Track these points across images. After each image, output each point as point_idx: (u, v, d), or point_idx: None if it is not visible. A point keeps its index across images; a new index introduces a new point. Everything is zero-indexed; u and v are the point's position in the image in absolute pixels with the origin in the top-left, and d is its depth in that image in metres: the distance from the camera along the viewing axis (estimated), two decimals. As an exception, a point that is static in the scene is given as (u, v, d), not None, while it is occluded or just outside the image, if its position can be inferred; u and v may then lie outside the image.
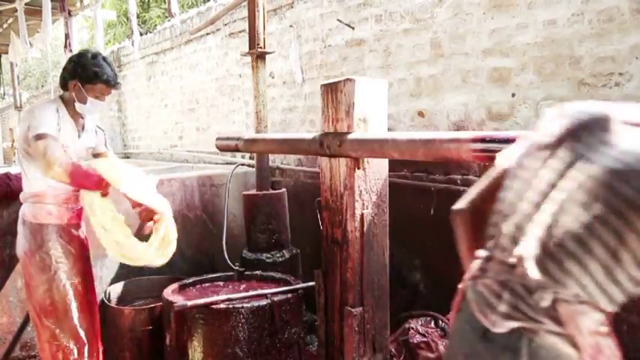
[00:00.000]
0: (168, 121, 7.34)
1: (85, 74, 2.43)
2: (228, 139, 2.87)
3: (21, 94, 16.81)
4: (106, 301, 3.42)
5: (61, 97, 2.53)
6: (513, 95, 2.98)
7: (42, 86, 17.05)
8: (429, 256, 3.42)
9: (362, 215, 2.09)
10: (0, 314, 3.27)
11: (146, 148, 8.10)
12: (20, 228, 2.52)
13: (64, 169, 2.26)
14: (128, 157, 8.56)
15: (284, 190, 4.07)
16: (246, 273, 3.39)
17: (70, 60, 2.48)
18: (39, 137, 2.29)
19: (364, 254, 2.09)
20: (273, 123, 4.96)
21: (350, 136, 2.03)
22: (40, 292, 2.47)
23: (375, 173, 2.13)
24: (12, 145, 10.90)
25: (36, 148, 2.28)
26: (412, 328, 2.68)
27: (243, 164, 4.95)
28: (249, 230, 3.96)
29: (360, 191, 2.10)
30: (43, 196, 2.48)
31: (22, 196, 2.54)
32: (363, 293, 2.10)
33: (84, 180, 2.34)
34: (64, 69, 2.49)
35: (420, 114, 3.55)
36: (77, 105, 2.49)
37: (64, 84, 2.49)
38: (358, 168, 2.08)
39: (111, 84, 2.49)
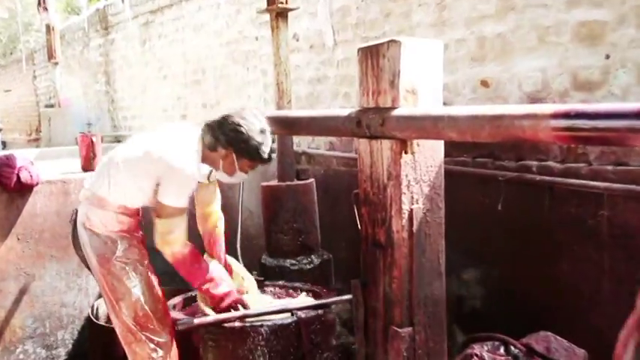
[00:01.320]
0: (167, 96, 7.43)
1: (247, 149, 2.65)
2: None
3: (-16, 63, 17.22)
4: (93, 318, 3.52)
5: (197, 150, 2.71)
6: (608, 57, 2.91)
7: (10, 53, 17.40)
8: (495, 264, 3.40)
9: (411, 211, 2.08)
10: None
11: (141, 130, 8.23)
12: (84, 234, 2.71)
13: (174, 257, 2.68)
14: (119, 142, 8.72)
15: (312, 180, 4.10)
16: (266, 283, 3.43)
17: (233, 124, 2.63)
18: (173, 211, 2.62)
19: (414, 260, 2.08)
20: (298, 97, 4.98)
21: (395, 113, 2.02)
22: (132, 302, 2.70)
23: (428, 159, 2.12)
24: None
25: (164, 215, 2.62)
26: (476, 355, 2.67)
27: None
28: (269, 230, 4.00)
29: (409, 181, 2.09)
30: (122, 210, 2.72)
31: (87, 195, 2.74)
32: (412, 309, 2.09)
33: (186, 274, 2.75)
34: (221, 128, 2.66)
35: (484, 83, 3.51)
36: (219, 173, 2.77)
37: (213, 144, 2.68)
38: (406, 152, 2.07)
39: (267, 162, 2.76)
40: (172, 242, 2.65)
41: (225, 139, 2.65)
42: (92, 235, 2.70)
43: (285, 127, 2.73)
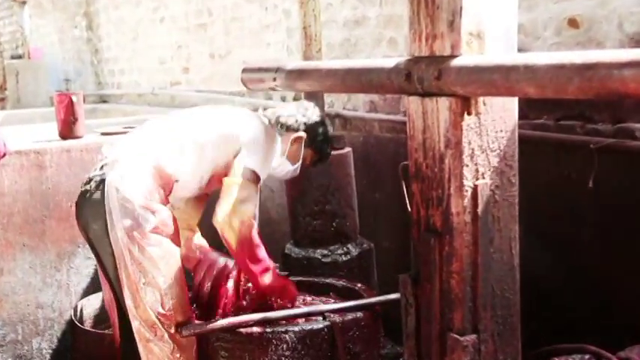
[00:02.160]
0: (165, 44, 7.48)
1: (321, 140, 3.28)
2: (260, 70, 2.89)
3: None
4: (77, 322, 3.60)
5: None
6: None
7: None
8: (583, 256, 3.38)
9: (475, 188, 2.08)
10: None
11: (132, 88, 8.32)
12: (115, 200, 2.83)
13: (241, 234, 2.90)
14: (105, 102, 8.82)
15: (349, 150, 4.10)
16: (292, 279, 3.47)
17: (310, 108, 3.29)
18: (254, 178, 2.95)
19: (479, 250, 2.08)
20: (331, 45, 4.97)
21: (455, 62, 2.00)
22: (162, 288, 2.83)
23: (497, 122, 2.11)
24: None
25: (243, 177, 2.92)
26: (559, 370, 2.68)
27: (283, 111, 5.01)
28: (294, 213, 4.03)
29: (472, 150, 2.07)
30: (170, 183, 2.96)
31: (121, 154, 2.94)
32: (477, 312, 2.10)
33: (250, 261, 2.97)
34: (299, 109, 3.28)
35: (572, 23, 3.46)
36: (281, 158, 3.20)
37: (285, 125, 3.22)
38: (469, 113, 2.05)
39: (325, 160, 3.44)
40: (244, 213, 2.88)
41: (302, 120, 3.20)
42: (125, 201, 2.81)
43: (315, 82, 2.73)
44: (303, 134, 3.20)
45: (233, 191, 2.89)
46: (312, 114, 3.27)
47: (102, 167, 2.93)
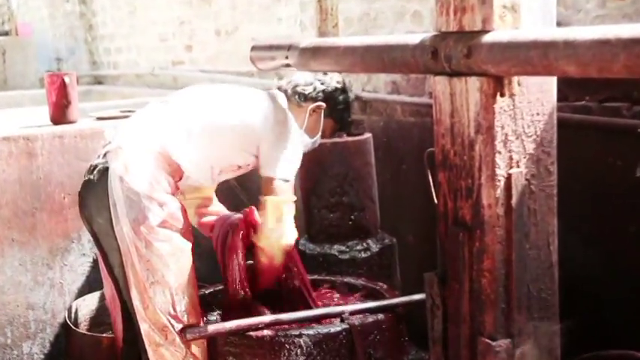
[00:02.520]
0: (167, 19, 7.49)
1: (342, 109, 3.34)
2: (271, 48, 2.89)
3: None
4: (71, 324, 3.63)
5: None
6: None
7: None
8: (630, 254, 3.37)
9: (508, 178, 2.07)
10: None
11: (130, 68, 8.34)
12: (119, 190, 2.85)
13: (283, 250, 3.05)
14: (101, 83, 8.85)
15: (368, 136, 4.10)
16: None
17: (336, 82, 3.33)
18: (286, 188, 3.00)
19: (513, 246, 2.08)
20: (349, 19, 4.96)
21: (487, 38, 1.99)
22: (172, 287, 2.85)
23: (533, 104, 2.10)
24: None
25: (273, 192, 2.97)
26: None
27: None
28: (308, 205, 4.04)
29: (506, 135, 2.07)
30: (179, 172, 3.00)
31: (133, 143, 2.94)
32: (511, 315, 2.10)
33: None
34: (321, 81, 3.29)
35: (617, -6, 3.44)
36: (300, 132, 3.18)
37: (303, 96, 3.24)
38: (502, 95, 2.05)
39: (347, 129, 3.59)
40: (287, 233, 3.01)
41: (321, 88, 3.23)
42: (130, 192, 2.83)
43: (331, 61, 2.72)
44: (322, 104, 3.23)
45: (280, 210, 2.96)
46: (331, 80, 3.30)
47: (105, 154, 2.94)
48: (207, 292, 3.39)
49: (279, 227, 2.95)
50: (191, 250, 2.93)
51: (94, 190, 2.92)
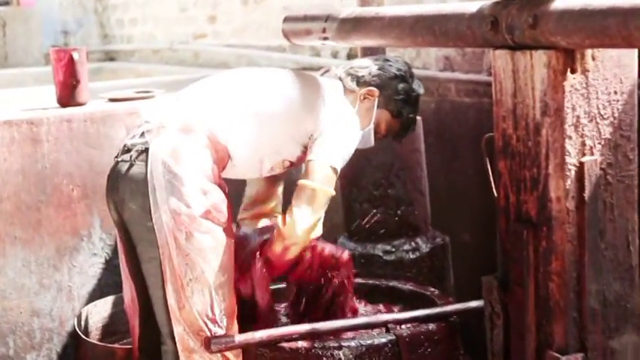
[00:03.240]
0: (186, -14, 7.51)
1: (401, 100, 3.26)
2: (306, 19, 2.90)
3: None
4: (80, 333, 3.66)
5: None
6: None
7: None
8: None
9: (580, 167, 2.07)
10: None
11: (146, 42, 8.37)
12: (160, 177, 2.89)
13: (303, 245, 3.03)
14: (113, 60, 8.90)
15: (418, 119, 4.09)
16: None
17: (396, 69, 3.27)
18: (332, 176, 3.02)
19: (586, 246, 2.07)
20: (395, -16, 4.94)
21: (556, 5, 1.99)
22: (212, 285, 2.89)
23: (610, 81, 2.09)
24: None
25: (320, 179, 2.97)
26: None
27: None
28: (349, 199, 4.04)
29: (577, 118, 2.07)
30: (226, 155, 3.06)
31: (185, 124, 3.00)
32: (584, 325, 2.09)
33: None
34: (379, 65, 3.27)
35: None
36: None
37: (356, 78, 3.24)
38: (573, 71, 2.05)
39: (403, 135, 3.44)
40: (316, 227, 3.02)
41: (376, 73, 3.21)
42: (173, 177, 2.86)
43: (375, 34, 2.73)
44: (374, 89, 3.21)
45: (319, 200, 2.96)
46: (391, 66, 3.26)
47: (143, 134, 2.97)
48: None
49: (310, 217, 2.93)
50: (233, 246, 2.96)
51: (129, 173, 2.94)
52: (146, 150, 2.91)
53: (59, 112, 4.17)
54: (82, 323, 3.78)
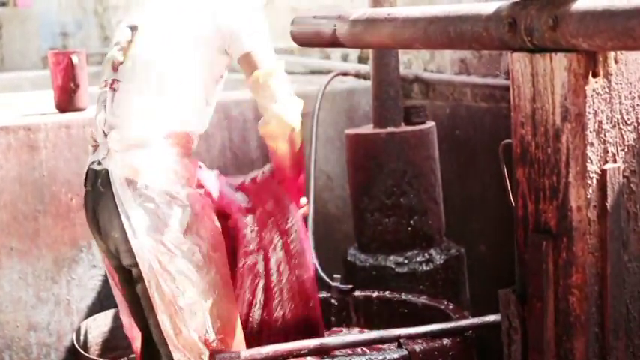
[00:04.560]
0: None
1: None
2: (315, 20, 2.90)
3: None
4: (79, 348, 3.66)
5: None
6: None
7: None
8: None
9: (602, 175, 2.06)
10: None
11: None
12: (129, 199, 2.85)
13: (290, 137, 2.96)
14: (113, 63, 8.90)
15: (432, 125, 4.09)
16: (357, 294, 3.48)
17: None
18: (271, 58, 3.00)
19: (608, 258, 2.06)
20: (408, -15, 4.95)
21: (578, 5, 1.98)
22: (201, 308, 2.86)
23: (634, 85, 2.08)
24: None
25: (260, 64, 2.95)
26: None
27: (346, 73, 5.00)
28: (360, 208, 4.03)
29: (599, 123, 2.06)
30: (190, 140, 2.99)
31: (122, 140, 2.90)
32: (606, 340, 2.08)
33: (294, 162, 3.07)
34: None
35: None
36: None
37: None
38: (595, 74, 2.04)
39: None
40: (286, 108, 2.91)
41: None
42: (145, 197, 2.82)
43: (387, 36, 2.72)
44: None
45: (274, 86, 2.92)
46: None
47: (100, 155, 2.94)
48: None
49: (275, 105, 2.89)
50: (225, 255, 2.93)
51: (101, 202, 2.91)
52: (105, 172, 2.87)
53: (58, 117, 4.17)
54: (81, 338, 3.77)
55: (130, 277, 2.97)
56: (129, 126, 2.89)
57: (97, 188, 2.91)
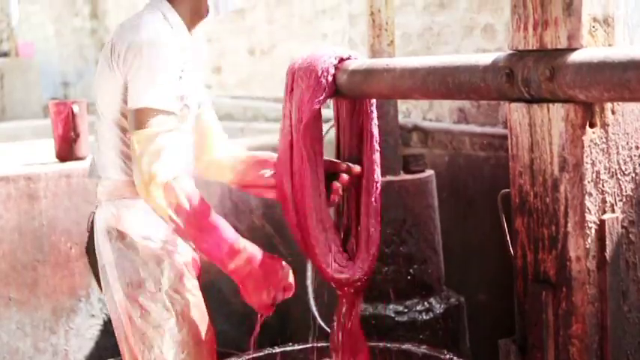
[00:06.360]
0: (190, 36, 7.57)
1: None
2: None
3: None
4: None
5: None
6: None
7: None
8: None
9: (601, 224, 2.06)
10: None
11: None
12: (107, 249, 2.81)
13: (176, 204, 2.59)
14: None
15: (431, 173, 4.09)
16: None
17: None
18: (155, 115, 2.61)
19: (608, 308, 2.06)
20: (407, 35, 4.98)
21: (574, 57, 1.99)
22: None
23: (631, 135, 2.08)
24: None
25: (141, 125, 2.61)
26: None
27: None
28: (359, 257, 4.03)
29: (597, 173, 2.06)
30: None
31: (105, 190, 2.84)
32: (607, 394, 2.07)
33: (197, 234, 2.67)
34: None
35: None
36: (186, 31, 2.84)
37: None
38: (592, 125, 2.04)
39: None
40: (164, 173, 2.58)
41: None
42: (123, 249, 2.78)
43: (385, 85, 2.73)
44: None
45: (136, 148, 2.61)
46: None
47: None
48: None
49: (151, 171, 2.58)
50: (204, 313, 2.86)
51: (91, 248, 2.89)
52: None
53: (58, 167, 4.19)
54: (80, 389, 3.77)
55: None
56: (106, 177, 2.84)
57: (91, 233, 2.89)
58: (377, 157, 2.89)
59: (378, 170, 2.88)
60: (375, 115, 2.92)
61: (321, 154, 2.75)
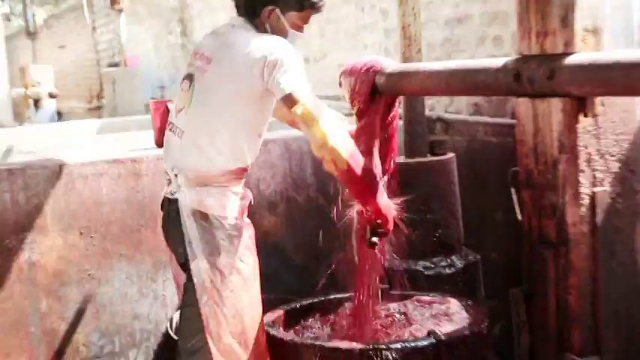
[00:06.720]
0: (259, 48, 7.58)
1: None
2: (358, 73, 2.91)
3: (34, 14, 18.01)
4: (172, 334, 3.67)
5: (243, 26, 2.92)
6: None
7: (63, -1, 18.29)
8: None
9: (593, 196, 2.06)
10: (18, 352, 3.64)
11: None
12: (193, 228, 2.81)
13: (351, 153, 2.66)
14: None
15: (452, 155, 4.06)
16: (393, 293, 3.44)
17: None
18: (308, 93, 2.72)
19: (599, 262, 2.05)
20: (431, 45, 4.94)
21: (570, 60, 1.99)
22: (243, 318, 2.82)
23: (617, 124, 2.08)
24: (25, 93, 11.53)
25: (302, 98, 2.67)
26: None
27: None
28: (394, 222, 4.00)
29: (589, 155, 2.06)
30: (244, 172, 2.88)
31: (200, 175, 2.82)
32: (598, 331, 2.06)
33: (361, 181, 2.77)
34: None
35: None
36: None
37: (252, 9, 2.89)
38: (585, 115, 2.05)
39: (320, 9, 2.95)
40: (328, 134, 2.60)
41: None
42: (206, 227, 2.78)
43: (415, 85, 2.74)
44: (268, 5, 2.85)
45: (315, 115, 2.63)
46: None
47: (171, 183, 2.89)
48: (298, 305, 3.38)
49: (316, 131, 2.60)
50: (258, 282, 2.91)
51: (173, 224, 2.88)
52: (176, 201, 2.82)
53: (156, 151, 4.17)
54: (174, 326, 3.78)
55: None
56: (193, 169, 2.81)
57: (171, 213, 2.88)
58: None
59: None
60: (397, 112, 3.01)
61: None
